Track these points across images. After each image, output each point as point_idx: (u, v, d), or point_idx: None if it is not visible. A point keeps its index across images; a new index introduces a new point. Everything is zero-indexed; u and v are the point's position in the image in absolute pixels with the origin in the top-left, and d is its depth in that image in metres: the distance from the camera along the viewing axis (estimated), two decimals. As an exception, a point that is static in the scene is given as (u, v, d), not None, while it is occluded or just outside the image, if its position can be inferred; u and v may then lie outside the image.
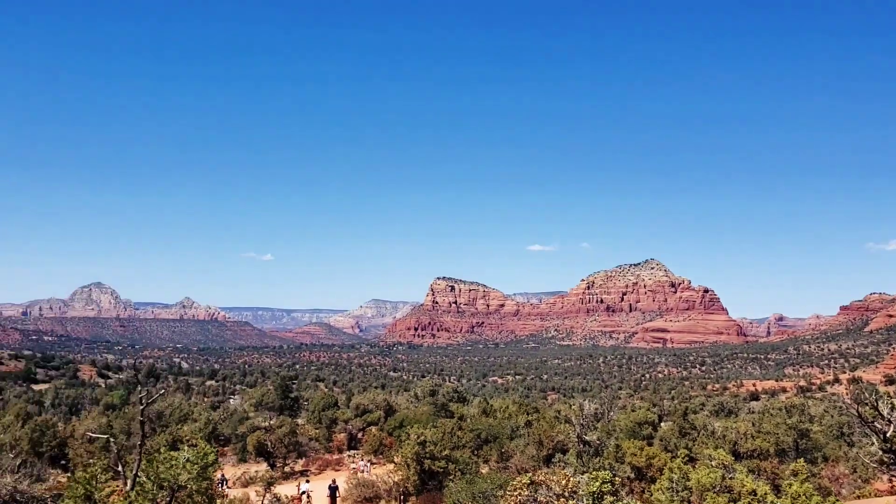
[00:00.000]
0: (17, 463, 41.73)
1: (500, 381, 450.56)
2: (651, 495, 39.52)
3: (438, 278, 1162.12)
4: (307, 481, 63.74)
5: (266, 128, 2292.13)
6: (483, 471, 59.14)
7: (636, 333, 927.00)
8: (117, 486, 27.31)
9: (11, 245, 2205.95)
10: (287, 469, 78.79)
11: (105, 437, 33.98)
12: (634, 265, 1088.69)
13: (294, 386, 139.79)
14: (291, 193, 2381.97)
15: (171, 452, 25.74)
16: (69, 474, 62.98)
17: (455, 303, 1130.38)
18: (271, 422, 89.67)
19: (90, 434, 50.89)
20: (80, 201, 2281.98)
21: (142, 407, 29.47)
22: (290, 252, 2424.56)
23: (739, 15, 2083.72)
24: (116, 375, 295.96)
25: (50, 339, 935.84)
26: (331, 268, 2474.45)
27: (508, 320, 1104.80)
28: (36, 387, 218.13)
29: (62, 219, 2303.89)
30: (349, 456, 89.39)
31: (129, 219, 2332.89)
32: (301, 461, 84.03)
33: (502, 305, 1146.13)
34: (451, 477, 52.25)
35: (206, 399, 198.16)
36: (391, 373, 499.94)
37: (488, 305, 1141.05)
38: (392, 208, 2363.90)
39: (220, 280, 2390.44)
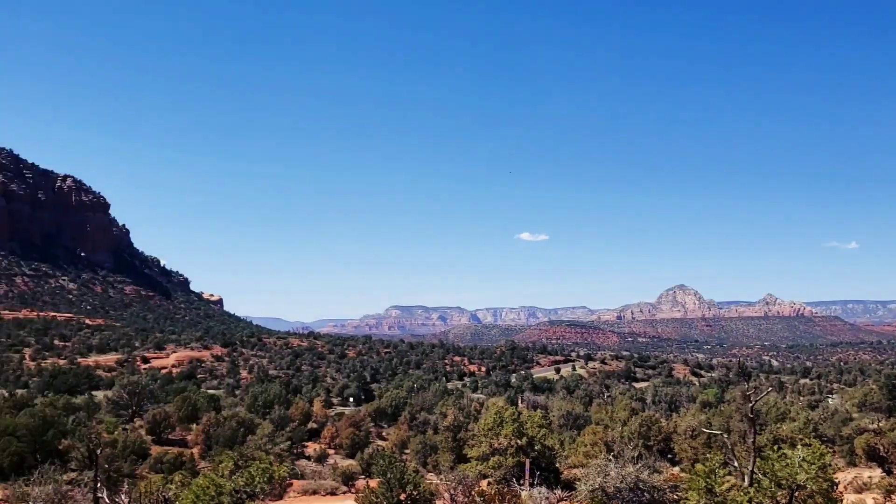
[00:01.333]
0: (635, 455, 46.00)
1: None
2: None
3: None
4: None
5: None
6: None
7: None
8: (734, 482, 28.17)
9: (605, 259, 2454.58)
10: (907, 477, 71.11)
11: (718, 432, 35.38)
12: None
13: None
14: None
15: (785, 451, 25.54)
16: (678, 467, 66.95)
17: None
18: (880, 423, 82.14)
19: (704, 430, 53.52)
20: (663, 213, 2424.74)
21: (750, 404, 30.06)
22: (878, 238, 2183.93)
23: None
24: (708, 374, 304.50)
25: (643, 339, 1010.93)
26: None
27: None
28: (636, 384, 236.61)
29: (651, 229, 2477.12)
30: None
31: (706, 224, 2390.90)
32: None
33: None
34: None
35: (801, 398, 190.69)
36: None
37: None
38: None
39: (802, 274, 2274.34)
